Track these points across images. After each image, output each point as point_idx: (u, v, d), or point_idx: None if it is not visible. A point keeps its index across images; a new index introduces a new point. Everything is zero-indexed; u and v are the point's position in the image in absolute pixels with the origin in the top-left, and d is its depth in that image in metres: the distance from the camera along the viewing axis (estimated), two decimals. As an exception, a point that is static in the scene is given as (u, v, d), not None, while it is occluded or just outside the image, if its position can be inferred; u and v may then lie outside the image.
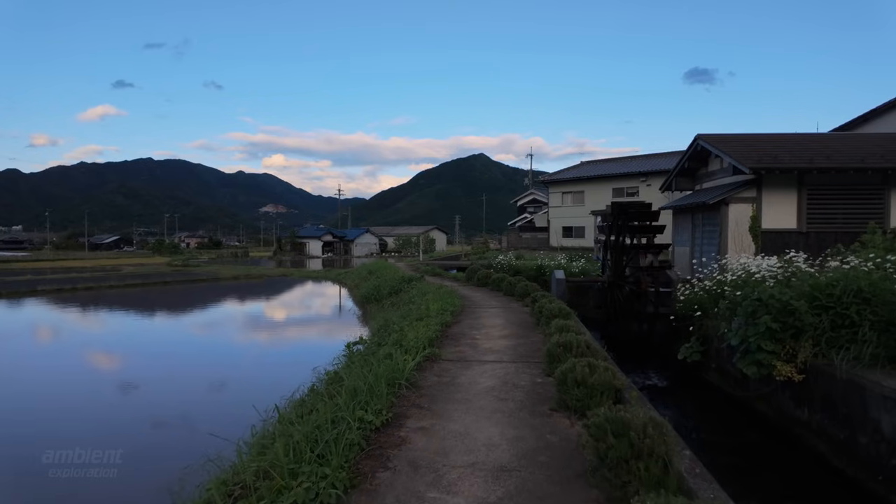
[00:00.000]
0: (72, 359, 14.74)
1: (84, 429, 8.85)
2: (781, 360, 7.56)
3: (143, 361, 14.33)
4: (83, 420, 9.45)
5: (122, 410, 10.23)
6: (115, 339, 17.74)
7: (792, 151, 13.62)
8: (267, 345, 16.87)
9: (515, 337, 10.42)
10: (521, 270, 24.36)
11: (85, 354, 15.49)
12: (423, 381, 7.14)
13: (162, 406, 10.26)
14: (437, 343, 9.57)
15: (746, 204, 13.43)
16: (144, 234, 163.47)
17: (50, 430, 8.77)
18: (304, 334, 18.51)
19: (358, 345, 8.55)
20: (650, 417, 4.26)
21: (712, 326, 10.83)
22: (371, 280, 24.96)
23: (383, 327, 10.76)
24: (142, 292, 30.13)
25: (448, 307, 13.44)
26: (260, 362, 14.22)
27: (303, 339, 17.54)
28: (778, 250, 12.85)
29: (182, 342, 17.26)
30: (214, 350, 16.05)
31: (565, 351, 7.25)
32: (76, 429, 8.85)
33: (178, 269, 50.09)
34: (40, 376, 12.75)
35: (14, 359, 14.85)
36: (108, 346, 16.47)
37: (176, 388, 11.63)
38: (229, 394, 10.90)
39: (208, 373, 12.82)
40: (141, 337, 18.09)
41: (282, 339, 17.75)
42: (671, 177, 17.65)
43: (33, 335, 18.71)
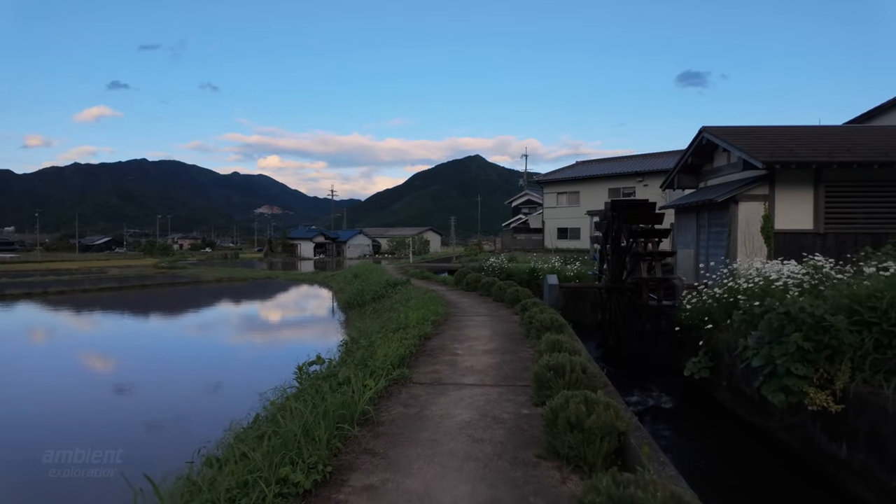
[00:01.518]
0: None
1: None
2: (814, 385, 6.34)
3: (83, 373, 13.17)
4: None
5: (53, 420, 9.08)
6: (61, 348, 16.42)
7: (808, 144, 12.42)
8: (232, 354, 15.57)
9: (501, 352, 9.18)
10: (513, 274, 23.14)
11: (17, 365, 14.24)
12: (385, 413, 5.89)
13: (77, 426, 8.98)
14: (410, 361, 8.34)
15: (758, 202, 12.20)
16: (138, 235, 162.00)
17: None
18: (276, 342, 17.23)
19: (315, 365, 7.29)
20: (671, 494, 3.03)
21: (723, 340, 9.62)
22: (355, 284, 23.67)
23: (354, 340, 9.48)
24: (116, 296, 28.76)
25: (430, 316, 12.20)
26: (219, 375, 12.92)
27: (273, 348, 16.21)
28: (792, 253, 11.65)
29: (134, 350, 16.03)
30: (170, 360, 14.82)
31: (556, 376, 6.02)
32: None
33: (162, 271, 48.76)
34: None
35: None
36: (48, 358, 15.14)
37: (106, 401, 10.51)
38: (164, 421, 9.53)
39: (149, 390, 11.63)
40: (93, 346, 16.78)
41: (250, 348, 16.42)
42: (673, 173, 16.40)
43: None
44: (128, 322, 21.92)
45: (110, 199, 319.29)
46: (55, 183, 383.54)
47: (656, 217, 12.45)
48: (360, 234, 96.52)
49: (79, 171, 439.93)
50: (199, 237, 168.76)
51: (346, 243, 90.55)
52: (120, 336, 18.39)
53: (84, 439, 7.77)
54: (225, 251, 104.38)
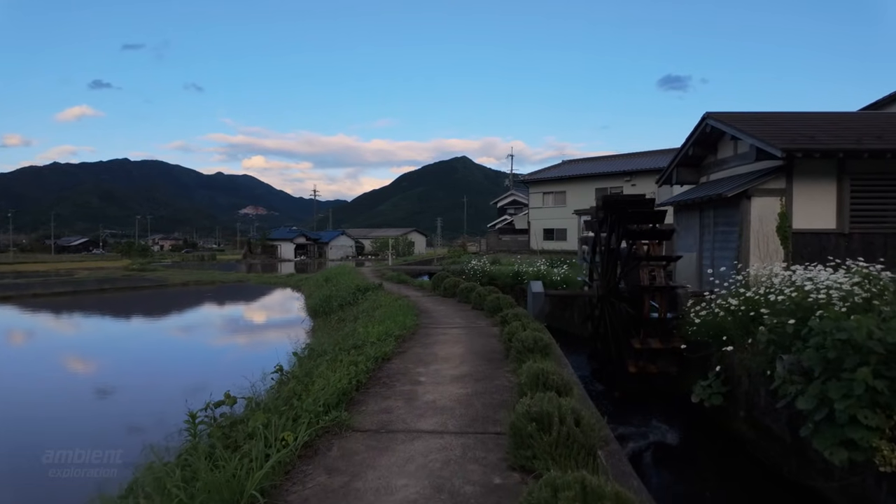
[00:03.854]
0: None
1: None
2: (886, 438, 4.70)
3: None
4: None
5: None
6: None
7: (830, 131, 10.84)
8: (170, 369, 13.66)
9: (474, 378, 7.45)
10: (495, 277, 21.47)
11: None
12: (296, 489, 4.14)
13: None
14: (358, 394, 6.61)
15: (773, 197, 10.58)
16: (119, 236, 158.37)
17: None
18: (225, 354, 15.33)
19: (224, 405, 5.50)
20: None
21: (742, 362, 7.98)
22: (325, 289, 21.78)
23: (295, 366, 7.63)
24: (69, 301, 26.56)
25: (395, 329, 10.46)
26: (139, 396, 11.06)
27: (217, 363, 14.24)
28: (813, 256, 10.07)
29: (61, 364, 14.15)
30: (99, 376, 13.05)
31: (540, 431, 4.33)
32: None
33: (131, 273, 46.46)
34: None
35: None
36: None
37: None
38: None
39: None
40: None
41: (190, 363, 14.49)
42: (671, 167, 14.75)
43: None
44: (63, 332, 19.85)
45: (90, 200, 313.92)
46: (33, 183, 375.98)
47: (657, 215, 10.77)
48: (343, 234, 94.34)
49: (58, 170, 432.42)
50: (181, 238, 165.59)
51: (329, 244, 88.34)
52: (43, 349, 16.41)
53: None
54: (202, 253, 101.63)
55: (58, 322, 21.78)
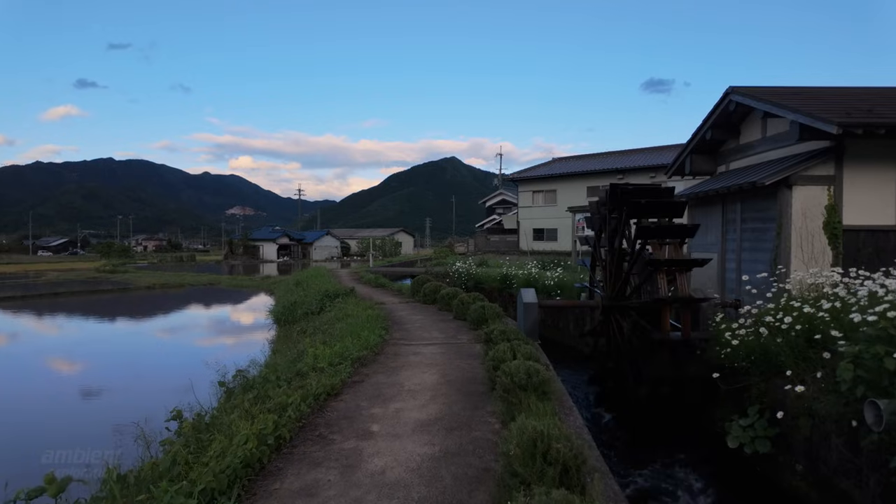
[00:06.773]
0: None
1: None
2: None
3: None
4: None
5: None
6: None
7: (891, 106, 8.91)
8: (106, 386, 11.51)
9: (446, 428, 5.43)
10: (482, 282, 19.51)
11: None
12: None
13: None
14: (274, 459, 4.60)
15: (819, 186, 8.60)
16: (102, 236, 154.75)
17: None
18: (167, 371, 13.12)
19: (81, 482, 3.47)
20: None
21: (801, 400, 6.02)
22: (294, 294, 19.63)
23: (188, 426, 5.36)
24: (19, 305, 24.21)
25: (354, 350, 8.44)
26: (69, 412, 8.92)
27: (134, 391, 11.46)
28: (870, 259, 8.15)
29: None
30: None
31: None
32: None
33: (101, 275, 43.93)
34: None
35: None
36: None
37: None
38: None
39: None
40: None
41: (128, 380, 12.28)
42: (684, 155, 12.70)
43: None
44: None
45: (74, 200, 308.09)
46: (15, 182, 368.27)
47: (674, 208, 8.74)
48: (328, 235, 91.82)
49: (41, 169, 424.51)
50: (166, 238, 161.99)
51: (313, 245, 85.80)
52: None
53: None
54: (182, 254, 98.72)
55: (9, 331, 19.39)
